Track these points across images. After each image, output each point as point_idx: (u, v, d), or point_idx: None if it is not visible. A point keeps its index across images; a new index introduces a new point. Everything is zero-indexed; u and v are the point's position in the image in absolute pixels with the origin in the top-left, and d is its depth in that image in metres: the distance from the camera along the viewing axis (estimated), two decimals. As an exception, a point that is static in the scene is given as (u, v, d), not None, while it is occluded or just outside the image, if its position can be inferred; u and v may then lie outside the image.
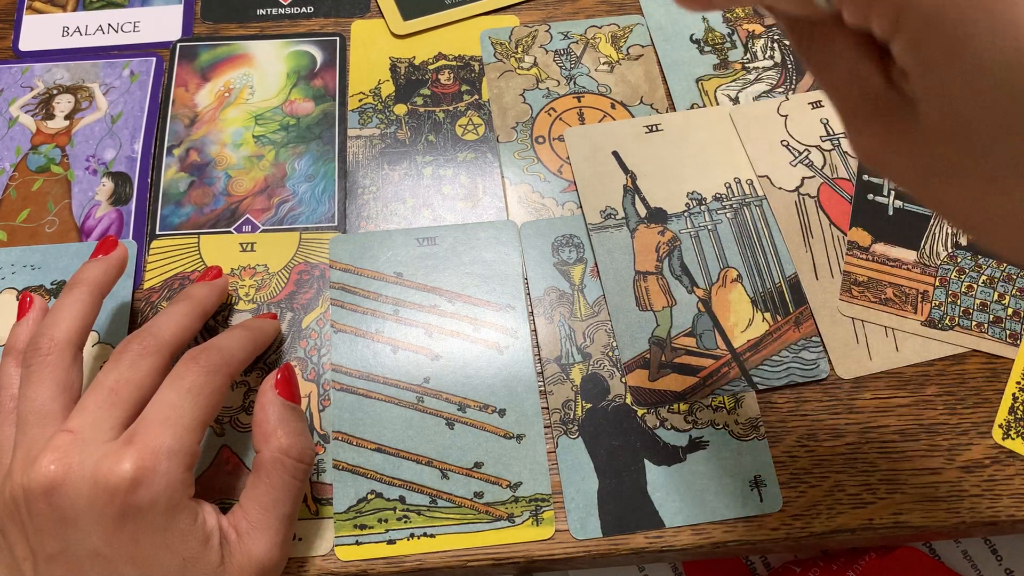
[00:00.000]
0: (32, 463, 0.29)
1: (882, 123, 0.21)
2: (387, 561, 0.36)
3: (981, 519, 0.37)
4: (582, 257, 0.42)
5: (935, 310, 0.41)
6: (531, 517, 0.36)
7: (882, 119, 0.21)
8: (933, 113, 0.20)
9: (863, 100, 0.22)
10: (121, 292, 0.41)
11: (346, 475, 0.37)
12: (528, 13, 0.50)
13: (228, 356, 0.34)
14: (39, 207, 0.44)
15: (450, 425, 0.38)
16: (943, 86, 0.19)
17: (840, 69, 0.22)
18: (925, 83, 0.20)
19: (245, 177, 0.45)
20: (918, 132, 0.20)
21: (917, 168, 0.21)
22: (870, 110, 0.22)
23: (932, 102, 0.20)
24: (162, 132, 0.46)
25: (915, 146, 0.21)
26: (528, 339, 0.40)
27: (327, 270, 0.42)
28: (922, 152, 0.21)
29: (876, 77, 0.21)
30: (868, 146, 0.22)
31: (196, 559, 0.30)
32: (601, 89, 0.48)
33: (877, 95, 0.21)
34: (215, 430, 0.38)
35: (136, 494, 0.29)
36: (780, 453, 0.38)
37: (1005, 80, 0.18)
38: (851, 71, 0.22)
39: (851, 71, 0.22)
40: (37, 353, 0.32)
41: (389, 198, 0.44)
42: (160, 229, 0.43)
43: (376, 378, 0.39)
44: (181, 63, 0.48)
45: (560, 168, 0.45)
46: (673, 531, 0.36)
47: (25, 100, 0.47)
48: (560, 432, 0.38)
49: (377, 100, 0.47)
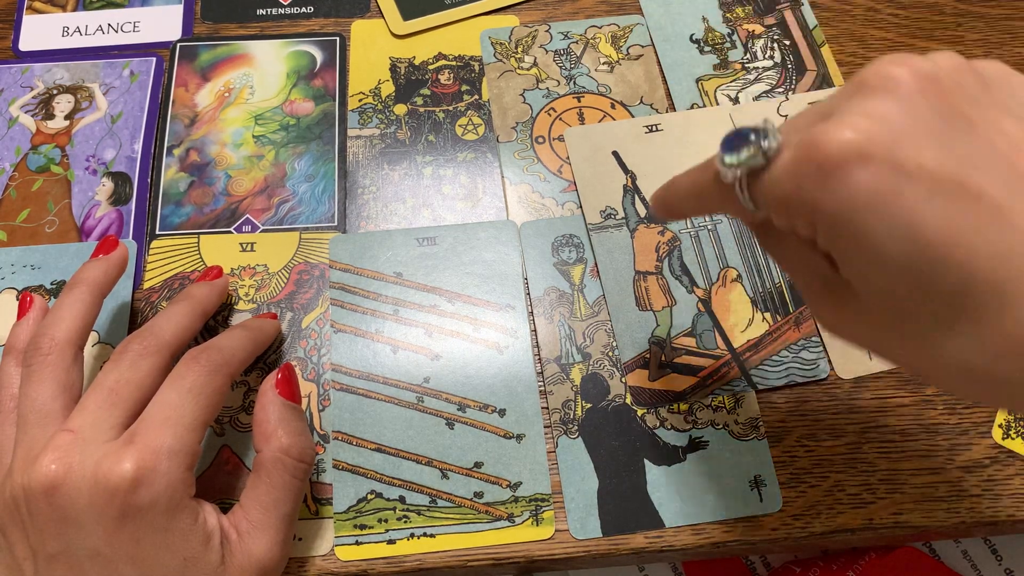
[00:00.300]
0: (33, 463, 0.29)
1: (832, 299, 0.25)
2: (387, 561, 0.36)
3: (981, 519, 0.37)
4: (582, 257, 0.42)
5: (935, 310, 0.41)
6: (531, 517, 0.36)
7: (831, 296, 0.25)
8: (862, 290, 0.24)
9: (813, 282, 0.26)
10: (121, 292, 0.41)
11: (346, 475, 0.37)
12: (528, 13, 0.50)
13: (228, 356, 0.34)
14: (39, 207, 0.44)
15: (450, 425, 0.38)
16: (860, 271, 0.23)
17: (793, 258, 0.27)
18: (847, 269, 0.24)
19: (245, 177, 0.45)
20: (859, 305, 0.24)
21: (869, 333, 0.25)
22: (820, 289, 0.26)
23: (857, 282, 0.24)
24: (162, 132, 0.46)
25: (861, 316, 0.25)
26: (528, 339, 0.40)
27: (327, 270, 0.42)
28: (868, 321, 0.24)
29: (820, 263, 0.25)
30: (826, 317, 0.26)
31: (197, 559, 0.30)
32: (601, 89, 0.48)
33: (824, 277, 0.25)
34: (215, 430, 0.38)
35: (137, 494, 0.29)
36: (780, 453, 0.38)
37: (906, 266, 0.21)
38: (801, 259, 0.26)
39: (801, 259, 0.26)
40: (37, 353, 0.32)
41: (389, 198, 0.44)
42: (160, 229, 0.43)
43: (376, 378, 0.39)
44: (181, 63, 0.48)
45: (560, 168, 0.45)
46: (673, 531, 0.36)
47: (25, 100, 0.47)
48: (560, 432, 0.38)
49: (377, 100, 0.47)
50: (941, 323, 0.22)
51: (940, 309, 0.21)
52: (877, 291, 0.23)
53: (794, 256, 0.27)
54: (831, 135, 0.22)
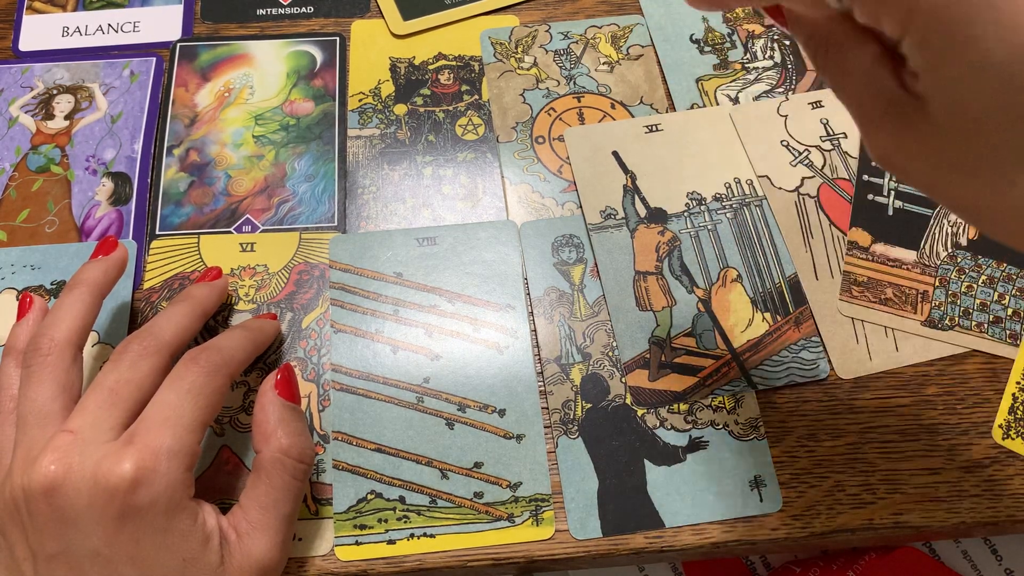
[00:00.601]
0: (32, 463, 0.29)
1: (895, 124, 0.22)
2: (387, 561, 0.36)
3: (981, 519, 0.37)
4: (582, 257, 0.42)
5: (935, 310, 0.41)
6: (531, 517, 0.36)
7: (895, 120, 0.22)
8: (942, 111, 0.21)
9: (876, 103, 0.23)
10: (121, 292, 0.41)
11: (346, 475, 0.37)
12: (528, 13, 0.50)
13: (228, 356, 0.34)
14: (39, 207, 0.44)
15: (450, 425, 0.38)
16: (950, 83, 0.20)
17: (854, 75, 0.23)
18: (934, 81, 0.20)
19: (245, 177, 0.45)
20: (929, 131, 0.21)
21: (929, 167, 0.22)
22: (883, 112, 0.23)
23: (941, 100, 0.20)
24: (162, 132, 0.46)
25: (927, 145, 0.22)
26: (528, 339, 0.40)
27: (327, 270, 0.42)
28: (933, 151, 0.21)
29: (888, 80, 0.22)
30: (883, 147, 0.23)
31: (196, 559, 0.30)
32: (601, 89, 0.48)
33: (890, 97, 0.22)
34: (215, 430, 0.38)
35: (136, 494, 0.29)
36: (780, 453, 0.38)
37: (1010, 76, 0.19)
38: (865, 76, 0.23)
39: (865, 76, 0.23)
40: (37, 353, 0.32)
41: (389, 198, 0.44)
42: (160, 229, 0.43)
43: (376, 378, 0.39)
44: (181, 63, 0.48)
45: (560, 168, 0.45)
46: (673, 531, 0.36)
47: (25, 100, 0.47)
48: (560, 432, 0.38)
49: (377, 100, 0.47)
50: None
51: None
52: (961, 111, 0.20)
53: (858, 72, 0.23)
54: None
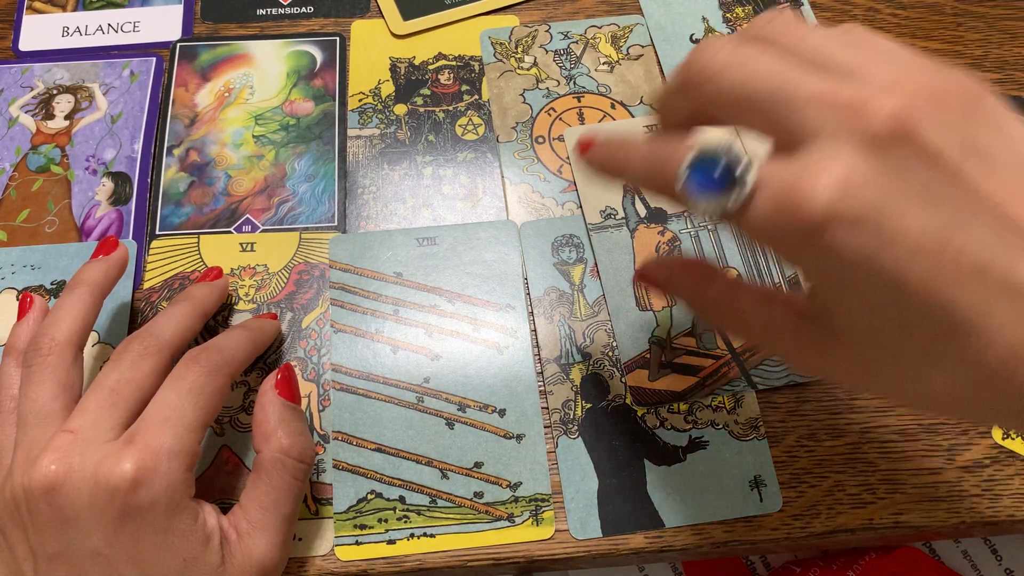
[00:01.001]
0: (33, 463, 0.29)
1: (809, 346, 0.25)
2: (387, 561, 0.36)
3: (981, 519, 0.37)
4: (582, 257, 0.42)
5: (935, 310, 0.41)
6: (531, 517, 0.37)
7: (808, 343, 0.25)
8: (844, 324, 0.24)
9: (782, 335, 0.26)
10: (121, 292, 0.41)
11: (346, 475, 0.37)
12: (528, 13, 0.50)
13: (228, 356, 0.34)
14: (39, 207, 0.44)
15: (450, 425, 0.38)
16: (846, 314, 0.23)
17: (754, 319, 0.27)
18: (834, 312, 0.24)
19: (245, 177, 0.45)
20: (839, 341, 0.24)
21: (853, 370, 0.25)
22: (793, 340, 0.26)
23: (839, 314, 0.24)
24: (162, 132, 0.46)
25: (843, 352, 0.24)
26: (528, 339, 0.40)
27: (327, 270, 0.42)
28: (851, 355, 0.24)
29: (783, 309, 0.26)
30: (809, 366, 0.26)
31: (196, 559, 0.30)
32: (601, 89, 0.48)
33: (795, 324, 0.26)
34: (215, 430, 0.38)
35: (137, 494, 0.29)
36: (780, 453, 0.38)
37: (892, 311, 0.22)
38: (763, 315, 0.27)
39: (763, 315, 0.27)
40: (38, 353, 0.32)
41: (389, 198, 0.44)
42: (160, 229, 0.43)
43: (376, 378, 0.39)
44: (181, 63, 0.48)
45: (560, 168, 0.45)
46: (673, 531, 0.36)
47: (25, 100, 0.47)
48: (560, 432, 0.38)
49: (377, 100, 0.47)
50: (929, 359, 0.22)
51: (928, 347, 0.22)
52: (864, 331, 0.23)
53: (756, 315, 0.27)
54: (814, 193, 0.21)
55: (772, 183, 0.22)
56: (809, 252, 0.22)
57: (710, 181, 0.23)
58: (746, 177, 0.22)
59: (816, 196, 0.21)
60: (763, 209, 0.22)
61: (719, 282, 0.29)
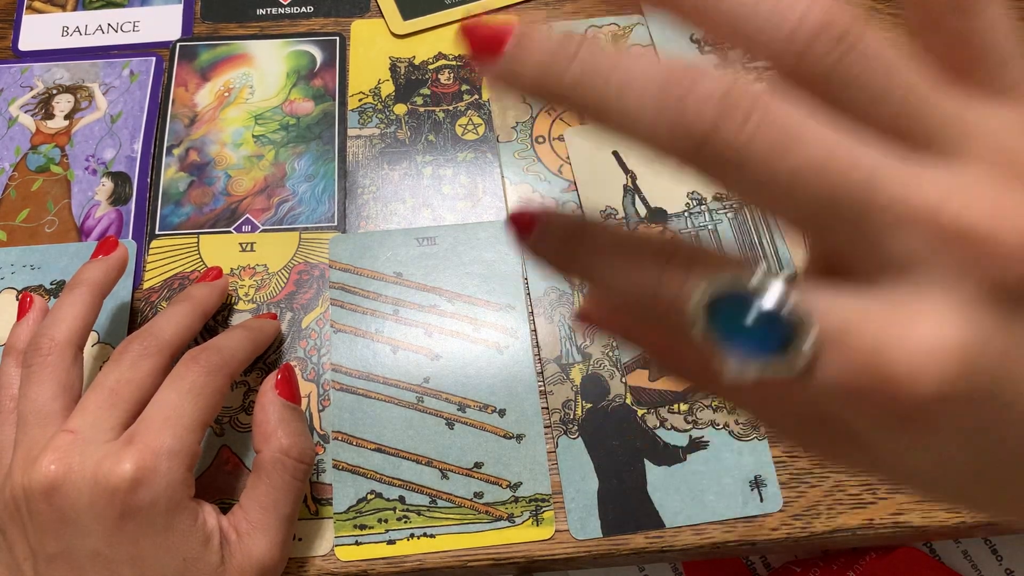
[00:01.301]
0: (32, 463, 0.29)
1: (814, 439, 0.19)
2: (387, 561, 0.36)
3: (981, 519, 0.37)
4: (582, 257, 0.42)
5: (935, 310, 0.41)
6: (531, 517, 0.36)
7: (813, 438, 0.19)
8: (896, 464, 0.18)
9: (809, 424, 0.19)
10: (121, 292, 0.41)
11: (346, 475, 0.37)
12: (528, 13, 0.50)
13: (228, 356, 0.34)
14: (39, 207, 0.44)
15: (450, 425, 0.38)
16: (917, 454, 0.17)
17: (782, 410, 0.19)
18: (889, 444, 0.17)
19: (245, 177, 0.45)
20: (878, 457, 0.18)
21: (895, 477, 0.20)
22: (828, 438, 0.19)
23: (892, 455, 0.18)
24: (162, 132, 0.46)
25: (876, 466, 0.19)
26: (528, 339, 0.40)
27: (327, 270, 0.42)
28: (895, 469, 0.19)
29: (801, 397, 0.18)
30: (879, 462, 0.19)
31: (196, 559, 0.30)
32: (601, 89, 0.48)
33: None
34: (215, 430, 0.38)
35: (136, 494, 0.29)
36: (780, 453, 0.38)
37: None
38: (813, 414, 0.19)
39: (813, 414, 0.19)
40: (37, 353, 0.32)
41: (389, 198, 0.44)
42: (160, 229, 0.43)
43: (376, 378, 0.39)
44: (181, 63, 0.48)
45: (560, 168, 0.45)
46: (673, 531, 0.36)
47: (25, 100, 0.47)
48: (560, 432, 0.38)
49: (377, 100, 0.47)
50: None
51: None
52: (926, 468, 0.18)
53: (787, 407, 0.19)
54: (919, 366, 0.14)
55: (850, 343, 0.15)
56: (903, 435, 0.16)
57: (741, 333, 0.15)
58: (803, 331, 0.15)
59: (924, 372, 0.14)
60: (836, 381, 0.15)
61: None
